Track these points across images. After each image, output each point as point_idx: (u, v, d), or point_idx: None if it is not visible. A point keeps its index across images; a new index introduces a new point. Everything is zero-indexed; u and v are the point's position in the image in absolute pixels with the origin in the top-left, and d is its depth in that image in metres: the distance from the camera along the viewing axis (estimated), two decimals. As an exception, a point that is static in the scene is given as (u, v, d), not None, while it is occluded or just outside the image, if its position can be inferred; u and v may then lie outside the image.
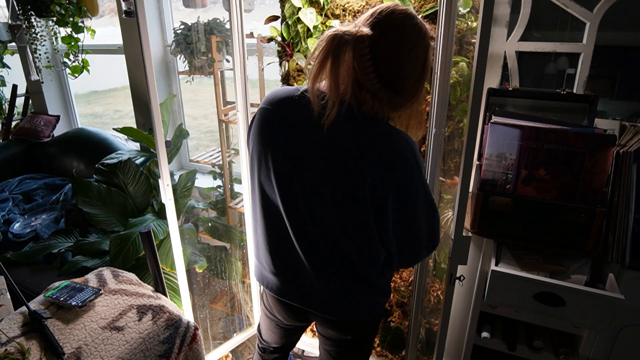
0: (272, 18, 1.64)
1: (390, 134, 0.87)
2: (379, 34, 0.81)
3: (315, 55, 0.82)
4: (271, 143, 0.93)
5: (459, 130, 1.48)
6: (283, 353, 1.35)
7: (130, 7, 2.18)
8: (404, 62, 0.83)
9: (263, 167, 0.95)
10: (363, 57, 0.80)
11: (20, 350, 1.00)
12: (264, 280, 1.12)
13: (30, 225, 2.23)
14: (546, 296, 1.20)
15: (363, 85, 0.82)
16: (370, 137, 0.85)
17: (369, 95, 0.83)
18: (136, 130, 2.20)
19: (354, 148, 0.85)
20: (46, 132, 2.84)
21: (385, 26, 0.81)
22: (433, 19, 1.37)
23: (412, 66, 0.85)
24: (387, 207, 0.89)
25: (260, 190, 0.99)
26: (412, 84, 0.87)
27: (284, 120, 0.92)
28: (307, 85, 0.86)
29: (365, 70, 0.81)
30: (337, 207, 0.90)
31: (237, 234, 2.10)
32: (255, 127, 0.97)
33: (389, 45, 0.81)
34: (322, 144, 0.87)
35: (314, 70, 0.82)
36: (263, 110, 0.95)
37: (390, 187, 0.87)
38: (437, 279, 1.63)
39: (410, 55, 0.83)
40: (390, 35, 0.81)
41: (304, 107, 0.88)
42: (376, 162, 0.85)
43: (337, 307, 1.04)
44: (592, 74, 1.41)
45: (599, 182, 1.18)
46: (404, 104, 0.90)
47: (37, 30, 2.59)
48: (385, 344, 1.73)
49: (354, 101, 0.84)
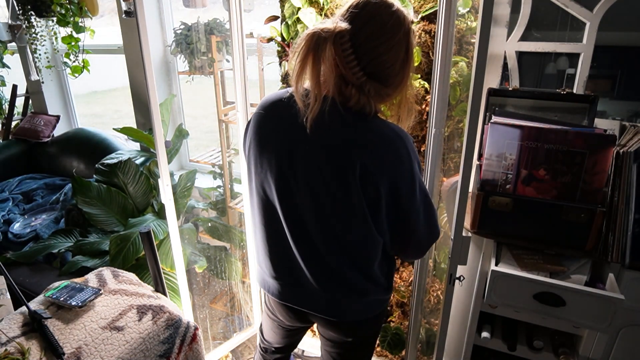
0: (272, 18, 1.64)
1: (379, 126, 0.87)
2: (358, 27, 0.80)
3: (296, 55, 0.83)
4: (266, 145, 0.94)
5: (459, 130, 1.48)
6: (285, 353, 1.35)
7: (130, 7, 2.18)
8: (386, 51, 0.83)
9: (259, 169, 0.96)
10: (345, 52, 0.80)
11: (20, 350, 1.00)
12: (265, 284, 1.13)
13: (30, 225, 2.24)
14: (546, 296, 1.20)
15: (348, 80, 0.82)
16: (358, 130, 0.85)
17: (355, 89, 0.83)
18: (136, 130, 2.20)
19: (342, 141, 0.85)
20: (46, 132, 2.84)
21: (363, 18, 0.81)
22: (433, 19, 1.37)
23: (395, 53, 0.84)
24: (380, 198, 0.88)
25: (257, 193, 1.00)
26: (397, 71, 0.87)
27: (275, 122, 0.93)
28: (291, 86, 0.87)
29: (348, 65, 0.81)
30: (331, 202, 0.90)
31: (237, 234, 2.10)
32: (250, 132, 0.98)
33: (369, 37, 0.81)
34: (312, 141, 0.87)
35: (296, 70, 0.83)
36: (256, 115, 0.97)
37: (383, 177, 0.86)
38: (437, 279, 1.63)
39: (392, 42, 0.83)
40: (369, 27, 0.81)
41: (292, 108, 0.88)
42: (365, 153, 0.84)
43: (337, 308, 1.04)
44: (592, 74, 1.41)
45: (599, 182, 1.18)
46: (391, 93, 0.90)
47: (37, 30, 2.59)
48: (385, 344, 1.73)
49: (339, 97, 0.84)
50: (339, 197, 0.89)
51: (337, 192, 0.88)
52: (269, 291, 1.12)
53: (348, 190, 0.87)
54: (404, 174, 0.88)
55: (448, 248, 1.19)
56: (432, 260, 1.61)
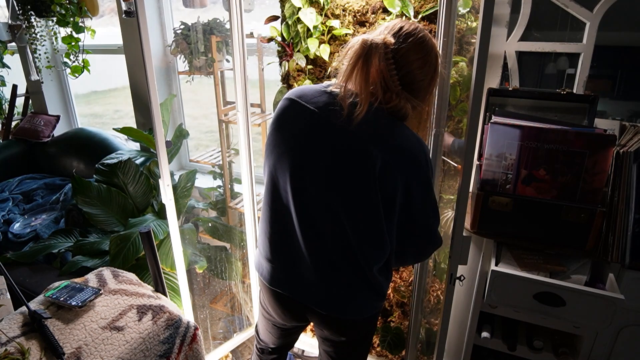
0: (272, 18, 1.64)
1: (406, 130, 0.96)
2: (400, 41, 0.93)
3: (347, 58, 0.93)
4: (287, 128, 0.99)
5: (459, 130, 1.48)
6: (281, 353, 1.35)
7: (130, 7, 2.18)
8: (419, 67, 0.95)
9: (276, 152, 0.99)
10: (388, 61, 0.91)
11: (20, 350, 1.00)
12: (259, 267, 1.15)
13: (30, 225, 2.23)
14: (546, 296, 1.20)
15: (388, 86, 0.93)
16: (388, 128, 0.94)
17: (394, 95, 0.94)
18: (136, 130, 2.20)
19: (369, 135, 0.91)
20: (46, 132, 2.84)
21: (404, 35, 0.94)
22: (433, 19, 1.37)
23: (427, 71, 0.96)
24: (395, 196, 0.93)
25: (270, 176, 1.02)
26: (425, 86, 0.98)
27: (305, 110, 0.97)
28: (339, 85, 0.95)
29: (390, 72, 0.92)
30: (347, 194, 0.94)
31: (237, 234, 2.10)
32: (279, 112, 1.01)
33: (408, 52, 0.93)
34: (339, 132, 0.93)
35: (347, 72, 0.92)
36: (289, 101, 1.00)
37: (400, 177, 0.92)
38: (437, 279, 1.63)
39: (425, 61, 0.95)
40: (409, 43, 0.93)
41: (326, 100, 0.96)
42: (389, 149, 0.91)
43: (331, 301, 1.04)
44: (592, 74, 1.41)
45: (599, 182, 1.18)
46: (416, 105, 0.99)
47: (37, 30, 2.59)
48: (385, 344, 1.73)
49: (381, 99, 0.94)
50: (356, 188, 0.93)
51: (355, 182, 0.92)
52: (262, 275, 1.14)
53: (367, 184, 0.92)
54: (420, 178, 0.95)
55: (448, 248, 1.19)
56: (432, 260, 1.61)
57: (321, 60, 1.58)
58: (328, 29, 1.53)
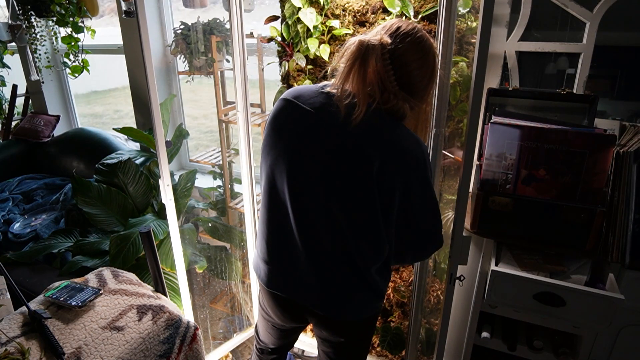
0: (272, 18, 1.64)
1: (404, 130, 0.95)
2: (397, 42, 0.92)
3: (344, 59, 0.93)
4: (285, 129, 0.98)
5: (459, 130, 1.48)
6: (281, 353, 1.36)
7: (130, 7, 2.18)
8: (417, 68, 0.94)
9: (273, 150, 0.99)
10: (385, 62, 0.90)
11: (20, 350, 1.00)
12: (257, 269, 1.15)
13: (30, 225, 2.23)
14: (546, 296, 1.20)
15: (385, 87, 0.92)
16: (386, 127, 0.93)
17: (392, 95, 0.93)
18: (136, 130, 2.20)
19: (364, 134, 0.91)
20: (46, 132, 2.84)
21: (402, 35, 0.93)
22: (433, 19, 1.37)
23: (425, 71, 0.96)
24: (394, 198, 0.92)
25: (268, 177, 1.02)
26: (424, 86, 0.98)
27: (302, 110, 0.96)
28: (335, 85, 0.94)
29: (387, 73, 0.91)
30: (345, 195, 0.93)
31: (237, 234, 2.10)
32: (275, 113, 1.01)
33: (405, 52, 0.92)
34: (337, 133, 0.92)
35: (344, 73, 0.92)
36: (285, 101, 0.99)
37: (398, 177, 0.91)
38: (437, 279, 1.63)
39: (423, 61, 0.94)
40: (406, 43, 0.92)
41: (323, 100, 0.95)
42: (387, 149, 0.91)
43: (329, 302, 1.04)
44: (592, 74, 1.41)
45: (599, 182, 1.18)
46: (414, 105, 0.98)
47: (37, 30, 2.59)
48: (385, 344, 1.73)
49: (379, 100, 0.93)
50: (354, 189, 0.92)
51: (353, 183, 0.92)
52: (259, 277, 1.13)
53: (364, 185, 0.91)
54: (418, 178, 0.95)
55: (448, 248, 1.19)
56: (432, 260, 1.61)
57: (321, 60, 1.58)
58: (328, 29, 1.53)
